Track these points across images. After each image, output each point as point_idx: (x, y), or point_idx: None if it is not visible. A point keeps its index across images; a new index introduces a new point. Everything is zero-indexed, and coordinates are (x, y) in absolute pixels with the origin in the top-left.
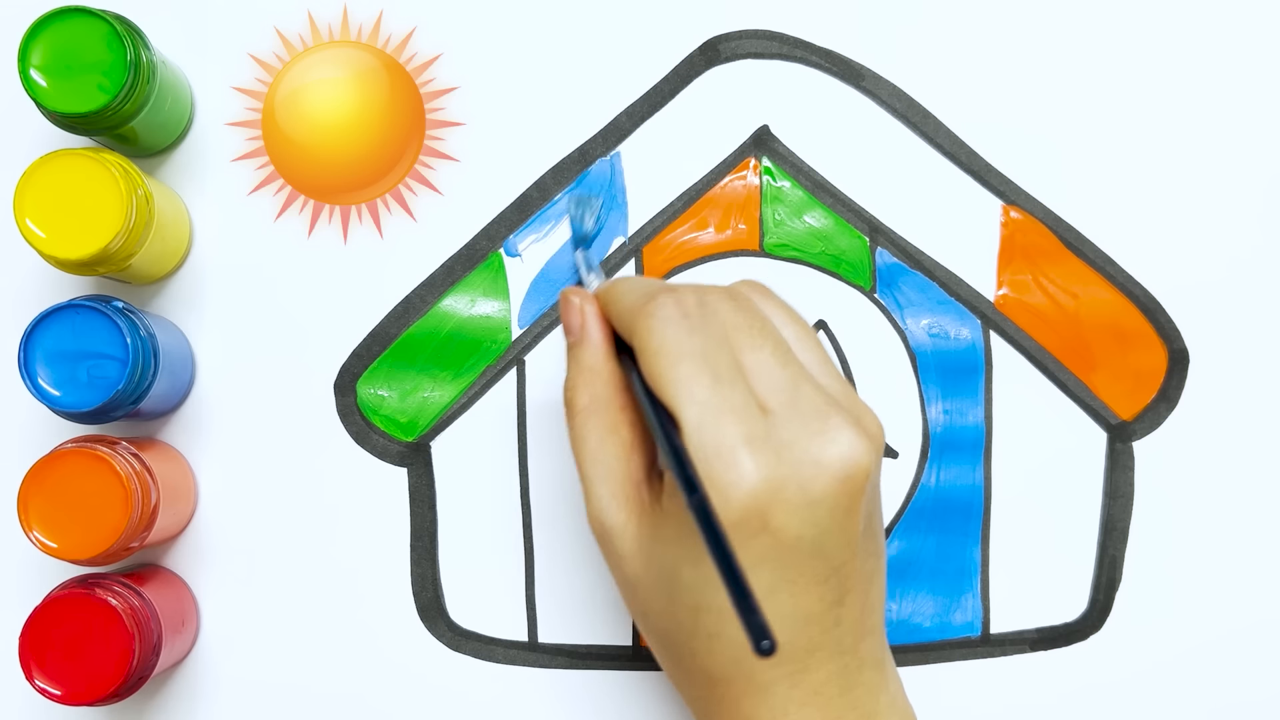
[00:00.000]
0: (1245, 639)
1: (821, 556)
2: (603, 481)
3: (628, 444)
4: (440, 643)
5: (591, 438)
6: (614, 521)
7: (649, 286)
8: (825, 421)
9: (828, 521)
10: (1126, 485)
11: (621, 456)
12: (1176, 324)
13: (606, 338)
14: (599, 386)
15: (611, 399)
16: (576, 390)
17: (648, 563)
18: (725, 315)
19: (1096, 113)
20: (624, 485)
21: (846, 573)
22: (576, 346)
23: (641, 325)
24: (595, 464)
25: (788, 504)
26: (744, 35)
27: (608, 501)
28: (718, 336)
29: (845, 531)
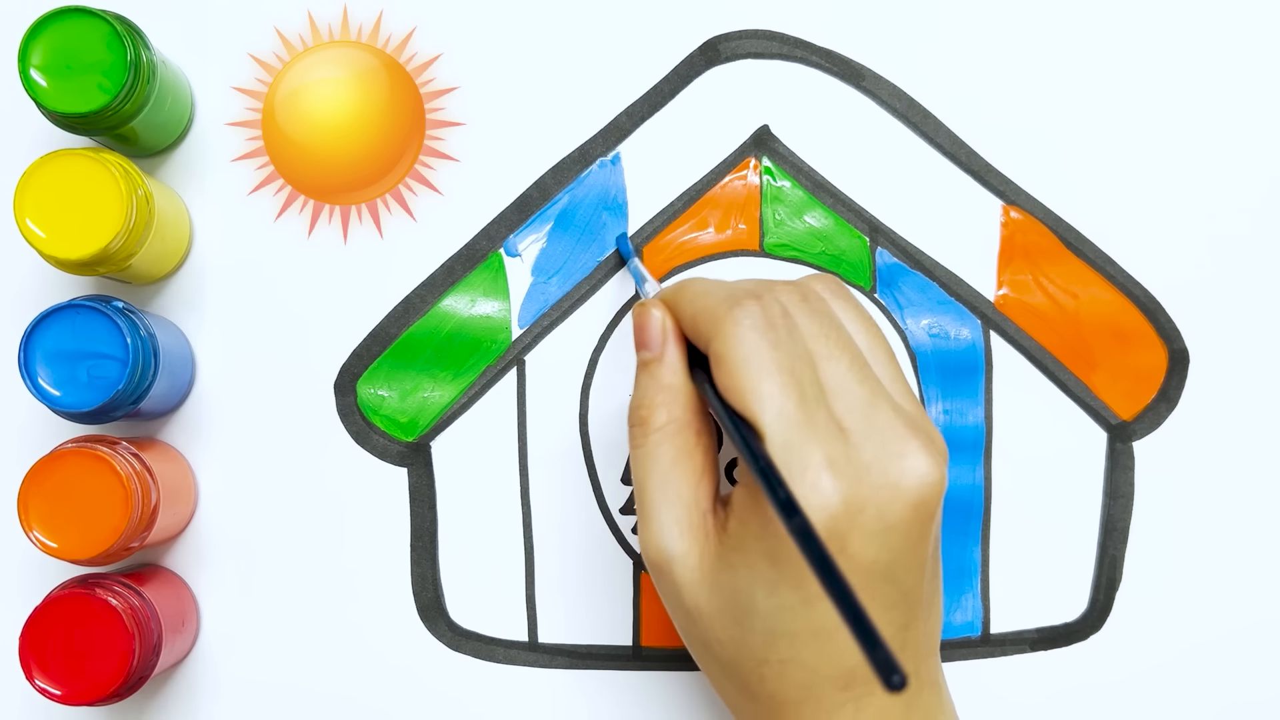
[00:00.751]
0: (1245, 639)
1: (893, 581)
2: (669, 507)
3: (699, 469)
4: (440, 643)
5: (664, 460)
6: (676, 550)
7: (730, 289)
8: (903, 444)
9: (902, 546)
10: (1126, 485)
11: (692, 482)
12: (1176, 324)
13: (684, 355)
14: (677, 407)
15: (689, 421)
16: (654, 409)
17: (713, 591)
18: (804, 324)
19: (1096, 113)
20: (690, 512)
21: (914, 597)
22: (655, 363)
23: (728, 331)
24: (664, 488)
25: (865, 528)
26: (744, 35)
27: (670, 528)
28: (800, 349)
29: (917, 555)
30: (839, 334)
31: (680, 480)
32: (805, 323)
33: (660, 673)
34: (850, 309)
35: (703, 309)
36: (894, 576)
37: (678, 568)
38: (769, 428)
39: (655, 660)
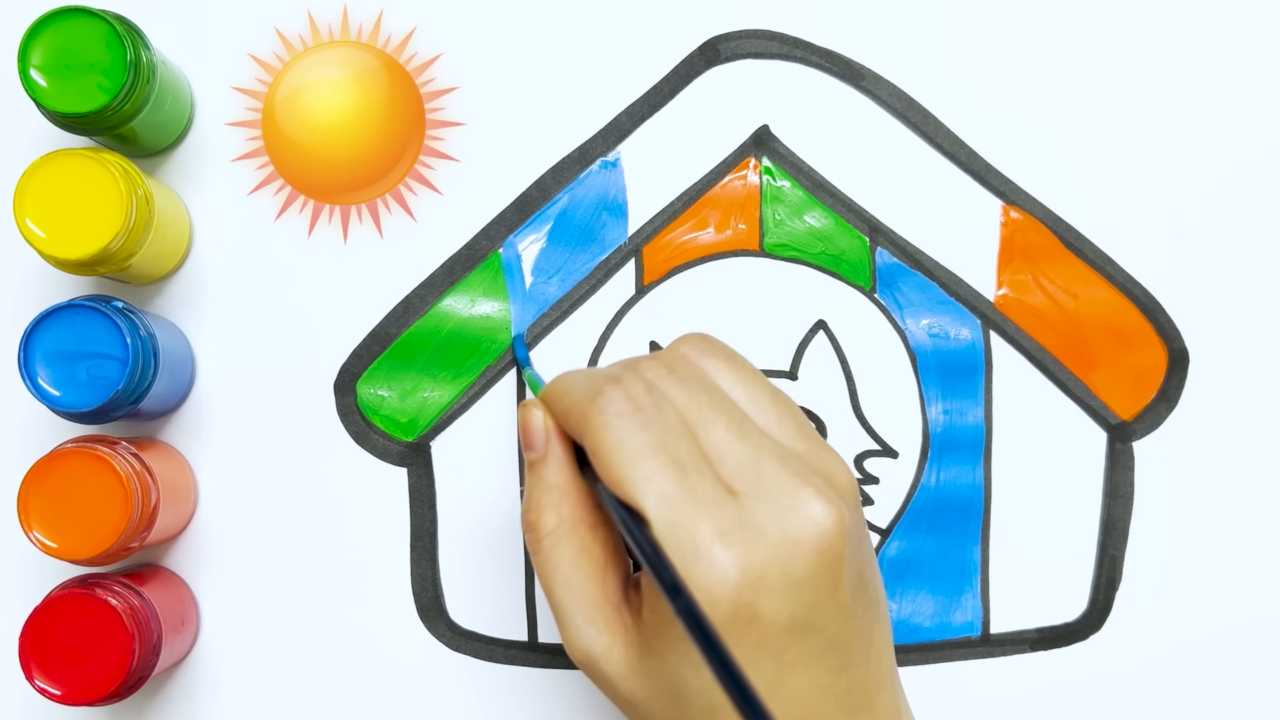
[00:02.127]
0: (1245, 638)
1: (816, 631)
2: (579, 608)
3: (601, 564)
4: (440, 643)
5: (564, 562)
6: (597, 648)
7: (591, 379)
8: (794, 495)
9: (815, 597)
10: (1126, 485)
11: (596, 579)
12: (1176, 324)
13: (568, 450)
14: (566, 506)
15: (582, 518)
16: (542, 511)
17: (644, 679)
18: (674, 394)
19: (1096, 113)
20: (602, 609)
21: (844, 639)
22: (540, 463)
23: (593, 423)
24: (569, 590)
25: (772, 590)
26: (744, 35)
27: (587, 629)
28: (674, 422)
29: (835, 600)
30: (710, 396)
31: (584, 580)
32: (675, 393)
33: None
34: (723, 364)
35: (570, 405)
36: (816, 626)
37: (604, 664)
38: (652, 512)
39: None
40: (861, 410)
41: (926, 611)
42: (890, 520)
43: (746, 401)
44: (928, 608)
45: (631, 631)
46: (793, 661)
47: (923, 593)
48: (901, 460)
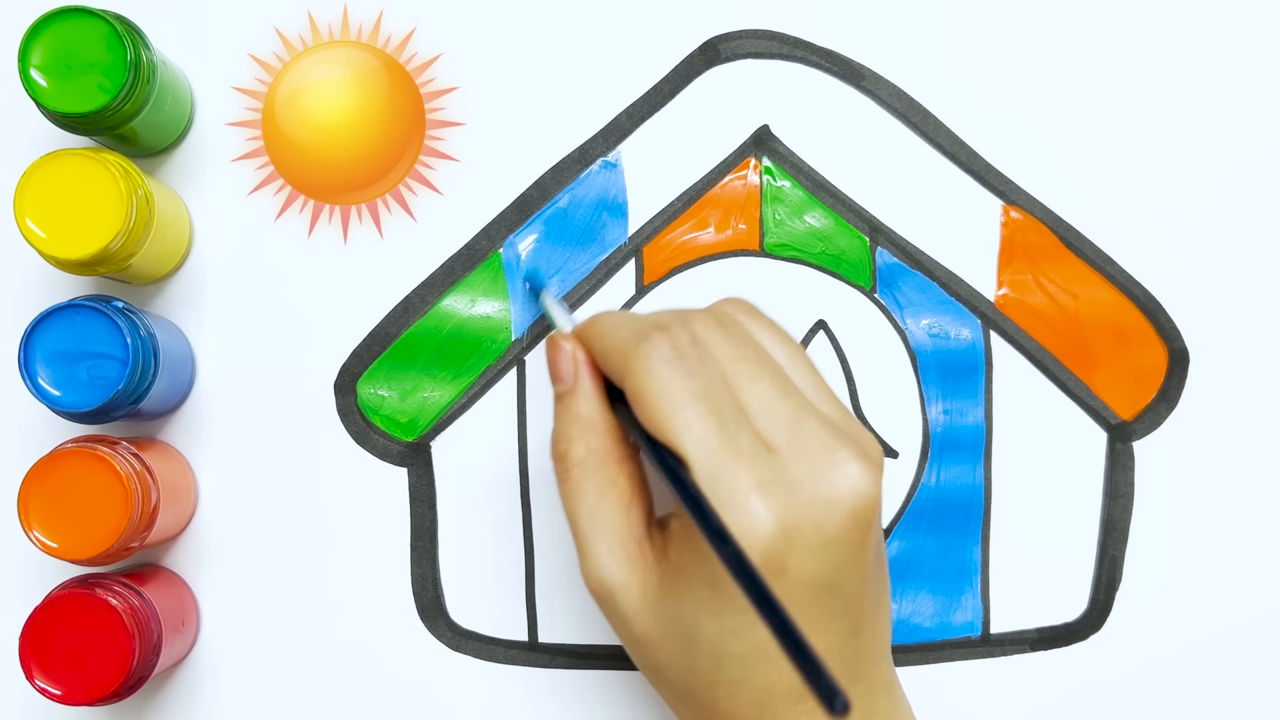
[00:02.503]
0: (1245, 638)
1: (837, 592)
2: (602, 538)
3: (627, 497)
4: (440, 643)
5: (589, 492)
6: (616, 580)
7: (637, 323)
8: (833, 455)
9: (843, 558)
10: (1126, 485)
11: (621, 511)
12: (1176, 324)
13: (599, 384)
14: (594, 438)
15: (610, 450)
16: (571, 442)
17: (657, 618)
18: (719, 348)
19: (1096, 113)
20: (625, 541)
21: (859, 604)
22: (569, 395)
23: (637, 367)
24: (594, 521)
25: (804, 545)
26: (744, 35)
27: (607, 559)
28: (716, 374)
29: (858, 564)
30: (756, 353)
31: (609, 511)
32: (719, 347)
33: None
34: (765, 327)
35: (611, 346)
36: (837, 587)
37: (620, 597)
38: (692, 457)
39: None
40: (861, 410)
41: (926, 611)
42: (890, 520)
43: (788, 365)
44: (928, 608)
45: (652, 569)
46: (811, 620)
47: (923, 593)
48: (902, 460)
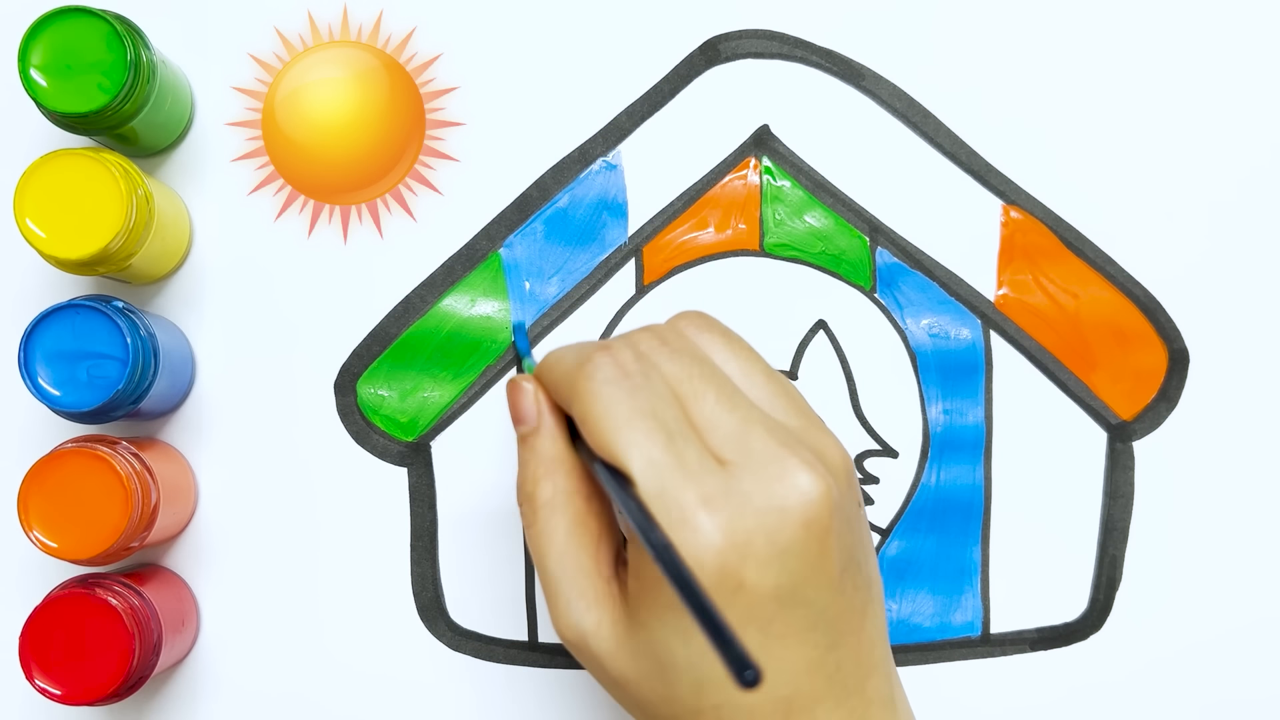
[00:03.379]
0: (1245, 638)
1: (803, 604)
2: (571, 582)
3: (595, 536)
4: (440, 643)
5: (558, 534)
6: (587, 624)
7: (581, 349)
8: (782, 465)
9: (801, 568)
10: (1126, 485)
11: (590, 551)
12: (1176, 324)
13: (561, 423)
14: (560, 476)
15: (577, 489)
16: (538, 483)
17: (634, 655)
18: (665, 365)
19: (1096, 113)
20: (594, 582)
21: (833, 615)
22: (532, 435)
23: (581, 390)
24: (563, 563)
25: (758, 558)
26: (744, 35)
27: (578, 603)
28: (662, 390)
29: (822, 573)
30: (702, 368)
31: (578, 551)
32: (665, 363)
33: None
34: (717, 339)
35: (560, 375)
36: (802, 599)
37: (593, 640)
38: (639, 476)
39: None
40: (862, 410)
41: (926, 611)
42: (890, 520)
43: (740, 377)
44: (928, 607)
45: (619, 605)
46: (780, 634)
47: (923, 592)
48: (902, 460)
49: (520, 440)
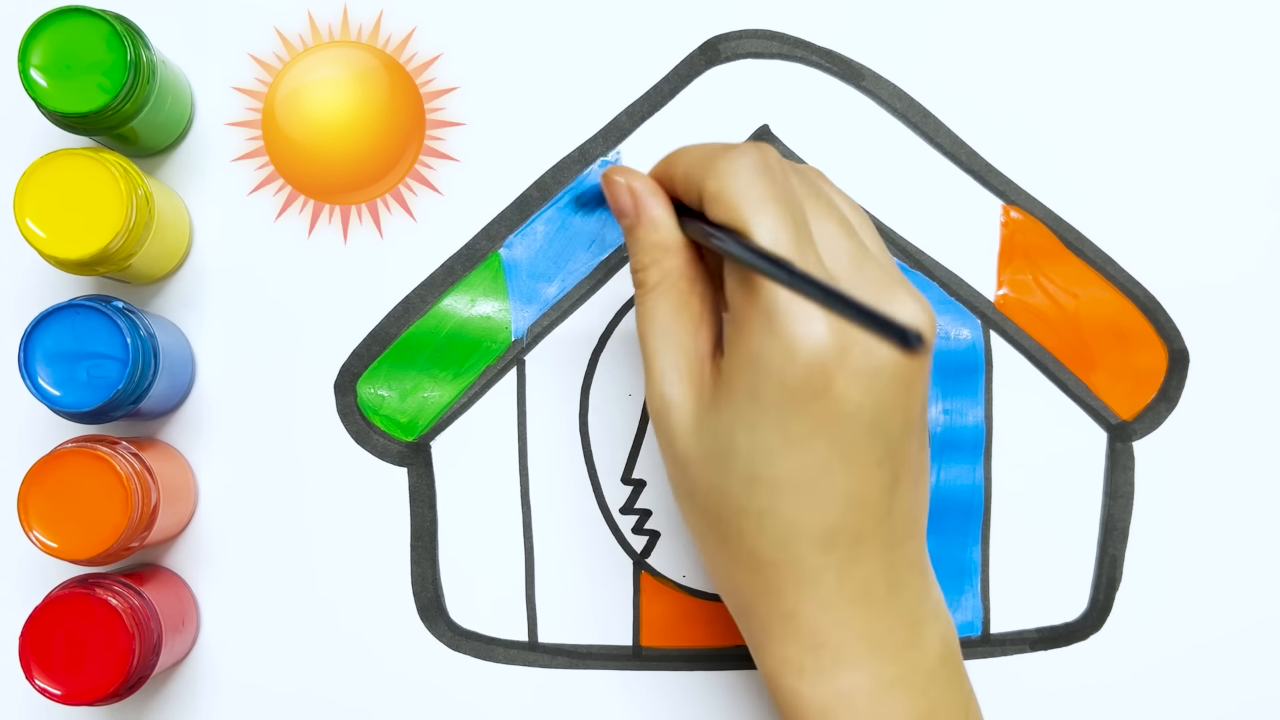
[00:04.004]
0: (1245, 639)
1: (879, 434)
2: (668, 354)
3: (696, 318)
4: (440, 643)
5: (661, 312)
6: (674, 395)
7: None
8: (890, 292)
9: (888, 395)
10: (1126, 485)
11: (690, 331)
12: (1176, 324)
13: (664, 209)
14: (669, 261)
15: (683, 272)
16: (648, 270)
17: (701, 435)
18: (797, 183)
19: (1096, 113)
20: (690, 359)
21: (902, 457)
22: (636, 225)
23: (722, 169)
24: (665, 338)
25: (851, 368)
26: (744, 35)
27: (671, 375)
28: (795, 195)
29: (904, 409)
30: (827, 199)
31: (679, 330)
32: (798, 181)
33: (660, 673)
34: (838, 193)
35: (698, 158)
36: (880, 428)
37: (674, 413)
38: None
39: (655, 660)
40: None
41: None
42: None
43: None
44: None
45: (707, 386)
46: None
47: None
48: None
49: (625, 231)
